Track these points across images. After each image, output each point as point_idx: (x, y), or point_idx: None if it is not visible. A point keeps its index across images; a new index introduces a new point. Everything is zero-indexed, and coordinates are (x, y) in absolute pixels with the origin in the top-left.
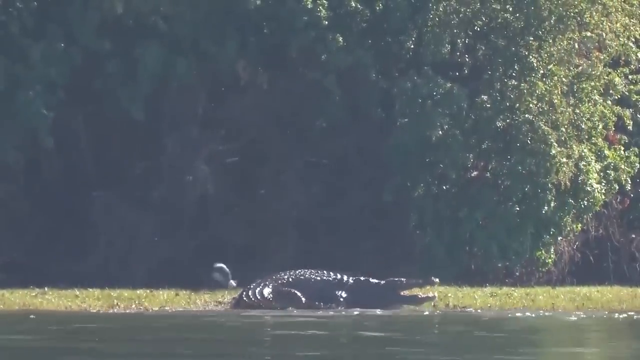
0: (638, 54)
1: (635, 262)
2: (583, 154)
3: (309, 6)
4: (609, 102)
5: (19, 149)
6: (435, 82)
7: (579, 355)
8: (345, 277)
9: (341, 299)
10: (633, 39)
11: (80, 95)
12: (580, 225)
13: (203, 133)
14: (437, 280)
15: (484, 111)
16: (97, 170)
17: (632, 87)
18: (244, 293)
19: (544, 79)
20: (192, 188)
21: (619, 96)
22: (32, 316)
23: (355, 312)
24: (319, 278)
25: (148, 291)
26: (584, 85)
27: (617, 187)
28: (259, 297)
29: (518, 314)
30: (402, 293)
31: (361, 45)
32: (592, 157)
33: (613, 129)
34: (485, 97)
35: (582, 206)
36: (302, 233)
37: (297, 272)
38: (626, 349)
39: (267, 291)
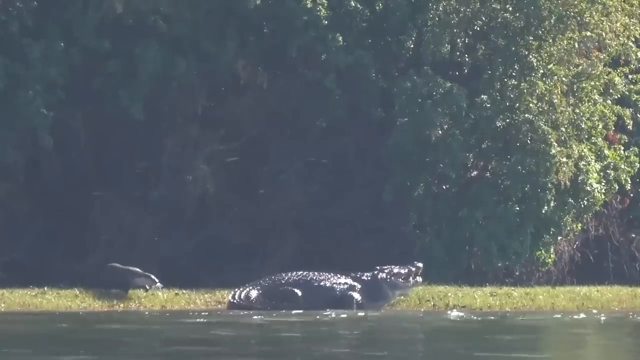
0: (638, 54)
1: (635, 261)
2: (583, 153)
3: (309, 6)
4: (609, 101)
5: (19, 149)
6: (435, 81)
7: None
8: (349, 280)
9: (353, 301)
10: (633, 39)
11: (80, 95)
12: (580, 225)
13: (203, 133)
14: (420, 265)
15: (484, 111)
16: (97, 170)
17: (632, 86)
18: (232, 295)
19: (544, 79)
20: (192, 188)
21: (619, 96)
22: None
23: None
24: (322, 279)
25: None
26: (584, 85)
27: (617, 187)
28: (243, 300)
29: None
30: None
31: (361, 45)
32: (592, 157)
33: (613, 128)
34: (485, 97)
35: (582, 206)
36: (302, 233)
37: (300, 273)
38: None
39: (253, 293)
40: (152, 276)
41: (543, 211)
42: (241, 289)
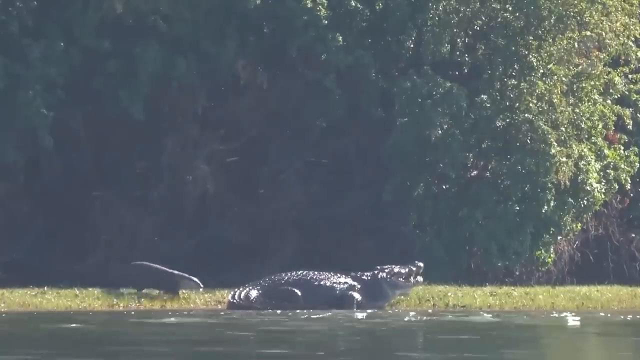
0: (638, 54)
1: (635, 261)
2: (583, 153)
3: (309, 6)
4: (609, 101)
5: (19, 149)
6: (434, 81)
7: None
8: (349, 280)
9: (353, 301)
10: (633, 39)
11: (80, 95)
12: (580, 224)
13: (203, 133)
14: (421, 264)
15: (484, 111)
16: (97, 170)
17: (632, 86)
18: (231, 295)
19: (544, 79)
20: (192, 188)
21: (619, 95)
22: None
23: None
24: (322, 279)
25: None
26: (584, 85)
27: (617, 187)
28: (243, 299)
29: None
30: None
31: (361, 45)
32: (592, 157)
33: (613, 128)
34: (484, 97)
35: (582, 206)
36: (302, 233)
37: (300, 272)
38: None
39: (253, 293)
40: (196, 279)
41: (543, 211)
42: (241, 289)
